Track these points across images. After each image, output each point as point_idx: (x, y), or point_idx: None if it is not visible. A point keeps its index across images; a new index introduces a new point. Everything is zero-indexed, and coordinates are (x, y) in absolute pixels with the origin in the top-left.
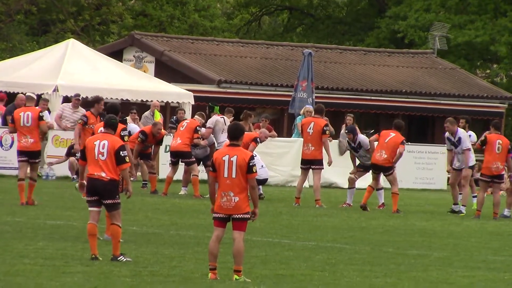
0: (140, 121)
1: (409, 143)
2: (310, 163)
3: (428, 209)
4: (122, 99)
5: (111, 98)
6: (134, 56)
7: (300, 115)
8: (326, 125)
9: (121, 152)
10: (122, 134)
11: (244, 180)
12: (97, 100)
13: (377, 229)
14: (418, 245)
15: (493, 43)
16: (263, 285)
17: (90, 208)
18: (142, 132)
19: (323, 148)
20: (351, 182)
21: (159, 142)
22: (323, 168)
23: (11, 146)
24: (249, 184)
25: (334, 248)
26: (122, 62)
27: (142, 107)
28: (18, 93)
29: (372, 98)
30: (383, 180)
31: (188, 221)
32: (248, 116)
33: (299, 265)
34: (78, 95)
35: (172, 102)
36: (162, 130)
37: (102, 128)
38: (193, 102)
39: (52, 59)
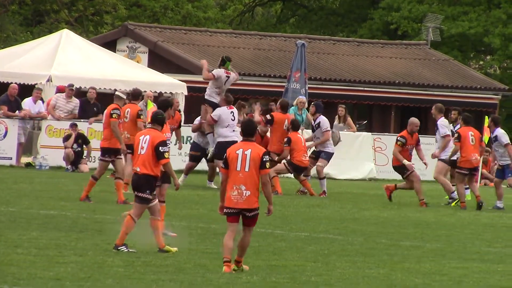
0: None
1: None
2: None
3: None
4: (115, 89)
5: (105, 89)
6: (127, 47)
7: (293, 106)
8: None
9: (160, 148)
10: (112, 112)
11: (256, 175)
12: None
13: (370, 220)
14: (411, 236)
15: (486, 35)
16: (256, 275)
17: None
18: None
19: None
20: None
21: (179, 125)
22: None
23: (4, 136)
24: (261, 180)
25: (327, 239)
26: (115, 52)
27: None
28: (11, 83)
29: (365, 89)
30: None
31: (181, 212)
32: (241, 107)
33: (291, 256)
34: (72, 85)
35: (166, 92)
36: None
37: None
38: (186, 93)
39: (46, 49)
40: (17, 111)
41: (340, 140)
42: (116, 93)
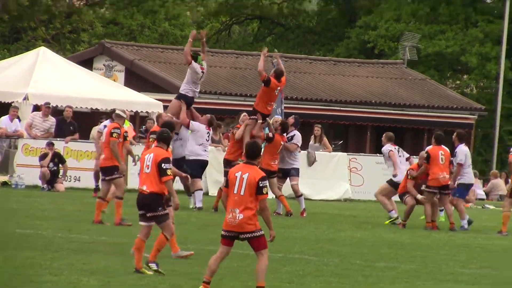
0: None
1: (378, 154)
2: None
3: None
4: (92, 108)
5: (81, 107)
6: (104, 65)
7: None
8: None
9: (163, 164)
10: (112, 131)
11: (252, 199)
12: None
13: (345, 240)
14: (386, 257)
15: (463, 54)
16: None
17: (139, 222)
18: (152, 132)
19: None
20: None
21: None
22: None
23: None
24: (259, 206)
25: (302, 259)
26: (92, 70)
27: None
28: None
29: (342, 108)
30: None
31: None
32: (217, 127)
33: (267, 277)
34: (48, 103)
35: (142, 111)
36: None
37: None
38: (162, 111)
39: (22, 67)
40: None
41: (315, 160)
42: (116, 111)
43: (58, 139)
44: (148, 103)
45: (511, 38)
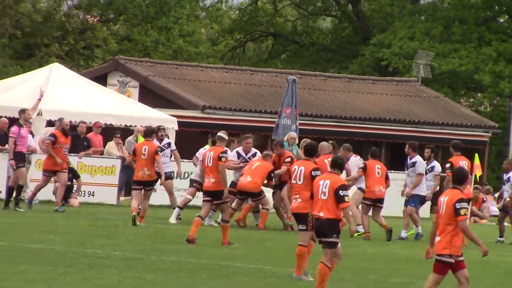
0: (124, 145)
1: (393, 171)
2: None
3: (411, 237)
4: (105, 124)
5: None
6: (118, 81)
7: (284, 141)
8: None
9: (340, 191)
10: (220, 155)
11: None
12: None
13: (360, 256)
14: (400, 273)
15: (477, 72)
16: None
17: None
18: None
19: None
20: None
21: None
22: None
23: None
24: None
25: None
26: (106, 86)
27: (125, 132)
28: (1, 116)
29: (356, 125)
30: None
31: (170, 247)
32: (231, 142)
33: None
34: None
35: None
36: None
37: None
38: (176, 128)
39: (36, 83)
40: (6, 145)
41: None
42: (218, 134)
43: (72, 154)
44: (162, 118)
45: None
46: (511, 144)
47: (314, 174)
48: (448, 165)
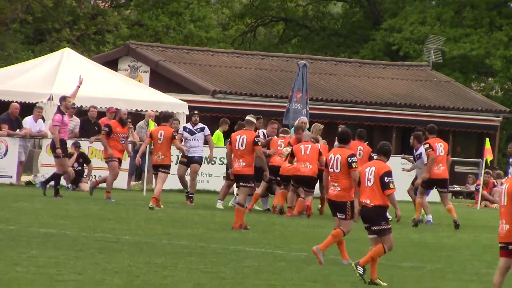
0: (134, 130)
1: (404, 155)
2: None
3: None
4: (116, 108)
5: (106, 108)
6: (129, 66)
7: (294, 126)
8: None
9: (385, 178)
10: (256, 140)
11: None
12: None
13: (366, 240)
14: (411, 257)
15: (488, 57)
16: None
17: (368, 236)
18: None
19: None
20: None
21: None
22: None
23: (5, 154)
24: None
25: (327, 259)
26: (117, 71)
27: (136, 116)
28: (12, 101)
29: (367, 110)
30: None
31: (181, 231)
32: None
33: (291, 276)
34: (73, 104)
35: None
36: None
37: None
38: (187, 112)
39: (47, 68)
40: (17, 130)
41: None
42: (247, 118)
43: (82, 139)
44: (173, 103)
45: None
46: None
47: (350, 161)
48: (426, 146)
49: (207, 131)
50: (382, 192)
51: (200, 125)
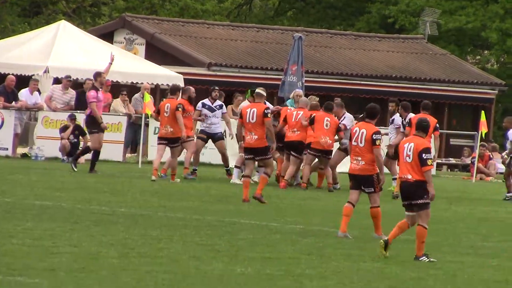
0: (130, 103)
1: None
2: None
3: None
4: (112, 81)
5: None
6: (124, 38)
7: (289, 99)
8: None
9: (423, 155)
10: (265, 112)
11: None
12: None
13: (365, 213)
14: (407, 230)
15: (484, 29)
16: (250, 267)
17: (406, 213)
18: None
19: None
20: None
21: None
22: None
23: (0, 126)
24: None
25: (322, 231)
26: (113, 44)
27: (132, 89)
28: (8, 74)
29: (362, 82)
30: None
31: (176, 204)
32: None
33: (286, 249)
34: (69, 76)
35: (162, 84)
36: None
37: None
38: (183, 85)
39: (43, 40)
40: (13, 102)
41: None
42: (257, 90)
43: (78, 111)
44: (168, 76)
45: None
46: None
47: (375, 138)
48: (406, 120)
49: (224, 109)
50: (421, 168)
51: (219, 102)
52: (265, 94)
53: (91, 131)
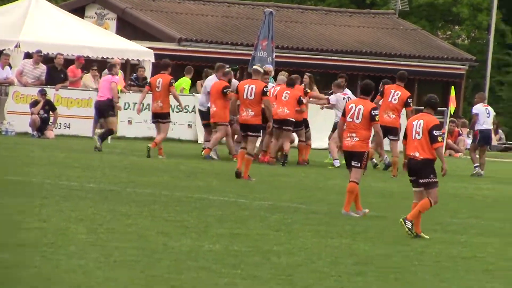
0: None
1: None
2: None
3: (385, 171)
4: (83, 56)
5: (72, 55)
6: (96, 13)
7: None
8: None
9: (434, 131)
10: (265, 90)
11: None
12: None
13: (334, 189)
14: (375, 206)
15: (455, 5)
16: (219, 244)
17: (413, 189)
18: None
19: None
20: None
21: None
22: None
23: None
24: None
25: (290, 208)
26: (84, 19)
27: (103, 64)
28: None
29: (333, 58)
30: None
31: (146, 179)
32: (207, 75)
33: (254, 225)
34: (40, 51)
35: (133, 59)
36: None
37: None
38: (153, 60)
39: (14, 15)
40: None
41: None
42: (254, 67)
43: (48, 86)
44: (139, 51)
45: None
46: (488, 77)
47: (373, 113)
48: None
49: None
50: (431, 146)
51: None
52: (262, 71)
53: (110, 113)
